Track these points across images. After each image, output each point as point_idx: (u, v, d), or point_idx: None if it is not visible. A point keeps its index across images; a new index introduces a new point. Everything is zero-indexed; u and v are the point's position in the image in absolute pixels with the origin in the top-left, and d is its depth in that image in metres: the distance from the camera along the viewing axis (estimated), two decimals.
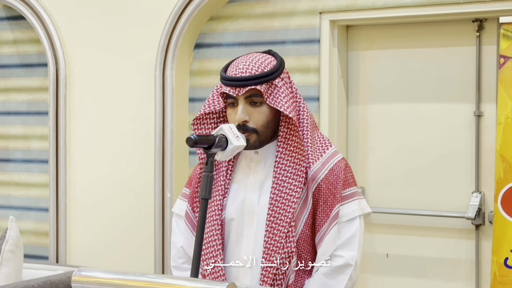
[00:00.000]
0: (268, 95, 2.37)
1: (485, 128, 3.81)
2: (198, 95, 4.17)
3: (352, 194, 2.43)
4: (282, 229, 2.36)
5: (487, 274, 3.75)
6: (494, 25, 3.74)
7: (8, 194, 4.65)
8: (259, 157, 2.45)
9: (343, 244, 2.38)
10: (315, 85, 3.91)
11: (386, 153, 4.01)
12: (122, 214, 4.27)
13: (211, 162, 2.15)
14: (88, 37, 4.34)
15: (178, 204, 2.59)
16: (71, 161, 4.38)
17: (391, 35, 3.99)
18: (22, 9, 4.42)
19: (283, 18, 3.97)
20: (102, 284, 2.02)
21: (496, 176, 3.35)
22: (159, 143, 4.13)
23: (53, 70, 4.37)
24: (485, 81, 3.80)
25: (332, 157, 2.44)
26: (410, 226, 3.97)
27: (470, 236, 3.85)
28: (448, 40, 3.88)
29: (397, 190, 3.99)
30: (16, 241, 3.83)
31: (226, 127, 2.28)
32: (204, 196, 2.12)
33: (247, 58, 2.42)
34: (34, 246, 4.53)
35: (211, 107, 2.46)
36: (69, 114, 4.37)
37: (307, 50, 3.92)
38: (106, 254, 4.31)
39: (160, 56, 4.12)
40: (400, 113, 3.99)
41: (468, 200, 3.80)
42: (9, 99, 4.63)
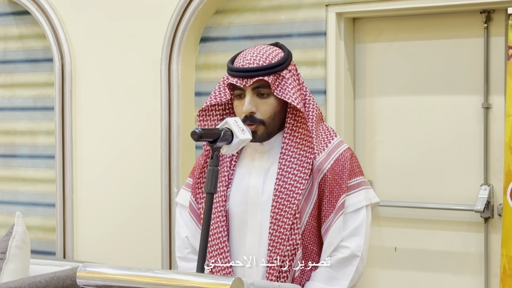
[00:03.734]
0: (276, 87, 2.36)
1: (493, 120, 3.78)
2: (204, 89, 4.15)
3: (359, 184, 2.41)
4: (287, 220, 2.34)
5: (496, 267, 3.73)
6: (502, 16, 3.71)
7: (14, 190, 4.64)
8: (264, 148, 2.43)
9: (349, 234, 2.36)
10: (322, 78, 3.89)
11: (394, 146, 3.99)
12: (129, 209, 4.26)
13: (216, 156, 2.15)
14: (93, 32, 4.33)
15: (182, 194, 2.57)
16: (77, 156, 4.37)
17: (398, 27, 3.97)
18: (28, 4, 4.41)
19: (289, 11, 3.95)
20: (107, 279, 2.01)
21: (505, 169, 3.33)
22: (165, 138, 4.12)
23: (59, 65, 4.36)
24: (493, 73, 3.78)
25: (338, 147, 2.43)
26: (418, 219, 3.95)
27: (479, 229, 3.83)
28: (455, 32, 3.86)
29: (405, 183, 3.97)
30: (23, 237, 3.83)
31: (232, 121, 2.26)
32: (210, 191, 2.11)
33: (254, 49, 2.41)
34: (41, 242, 4.53)
35: (217, 99, 2.44)
36: (75, 109, 4.37)
37: (313, 43, 3.90)
38: (113, 249, 4.31)
39: (166, 50, 4.11)
40: (407, 105, 3.96)
41: (476, 193, 3.78)
42: (15, 94, 4.63)
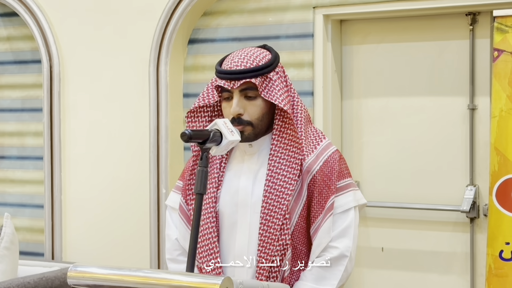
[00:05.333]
0: (263, 88, 2.38)
1: (479, 121, 3.81)
2: (193, 91, 4.17)
3: (347, 185, 2.44)
4: (277, 221, 2.36)
5: (482, 267, 3.76)
6: (487, 19, 3.74)
7: (3, 191, 4.64)
8: (253, 149, 2.45)
9: (338, 235, 2.38)
10: (309, 80, 3.91)
11: (381, 147, 4.02)
12: (117, 210, 4.27)
13: (205, 157, 2.16)
14: (81, 33, 4.33)
15: (172, 197, 2.59)
16: (65, 158, 4.37)
17: (384, 29, 4.00)
18: (15, 5, 4.41)
19: (277, 13, 3.97)
20: (98, 279, 2.02)
21: (491, 169, 3.36)
22: (153, 139, 4.13)
23: (47, 67, 4.36)
24: (479, 75, 3.81)
25: (326, 149, 2.45)
26: (405, 219, 3.97)
27: (465, 229, 3.86)
28: (441, 34, 3.88)
29: (392, 184, 3.99)
30: (12, 238, 3.83)
31: (221, 122, 2.28)
32: (199, 191, 2.13)
33: (242, 52, 2.43)
34: (30, 243, 4.52)
35: (205, 100, 2.46)
36: (63, 111, 4.37)
37: (301, 44, 3.92)
38: (101, 250, 4.31)
39: (154, 52, 4.12)
40: (394, 107, 3.99)
41: (462, 194, 3.81)
42: (3, 96, 4.63)
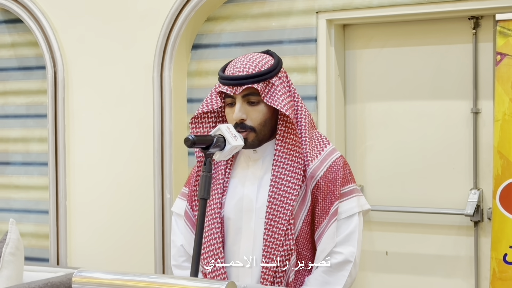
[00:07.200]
0: (265, 94, 2.39)
1: (482, 125, 3.81)
2: (196, 96, 4.18)
3: (351, 191, 2.45)
4: (281, 226, 2.37)
5: (486, 270, 3.76)
6: (490, 23, 3.75)
7: (8, 197, 4.65)
8: (257, 155, 2.46)
9: (342, 240, 2.39)
10: (313, 85, 3.92)
11: (384, 151, 4.02)
12: (122, 215, 4.28)
13: (209, 162, 2.17)
14: (85, 39, 4.34)
15: (177, 203, 2.61)
16: (70, 163, 4.39)
17: (387, 34, 4.00)
18: (20, 12, 4.43)
19: (280, 18, 3.98)
20: (103, 284, 2.03)
21: (494, 173, 3.36)
22: (158, 144, 4.14)
23: (51, 73, 4.38)
24: (482, 78, 3.81)
25: (331, 154, 2.46)
26: (409, 223, 3.98)
27: (469, 233, 3.86)
28: (444, 38, 3.89)
29: (396, 188, 4.00)
30: (17, 243, 3.84)
31: (224, 127, 2.29)
32: (203, 196, 2.14)
33: (245, 57, 2.44)
34: (35, 249, 4.53)
35: (209, 106, 2.48)
36: (68, 117, 4.38)
37: (304, 49, 3.93)
38: (106, 255, 4.32)
39: (158, 57, 4.13)
40: (397, 111, 4.00)
41: (466, 197, 3.81)
42: (8, 102, 4.64)
